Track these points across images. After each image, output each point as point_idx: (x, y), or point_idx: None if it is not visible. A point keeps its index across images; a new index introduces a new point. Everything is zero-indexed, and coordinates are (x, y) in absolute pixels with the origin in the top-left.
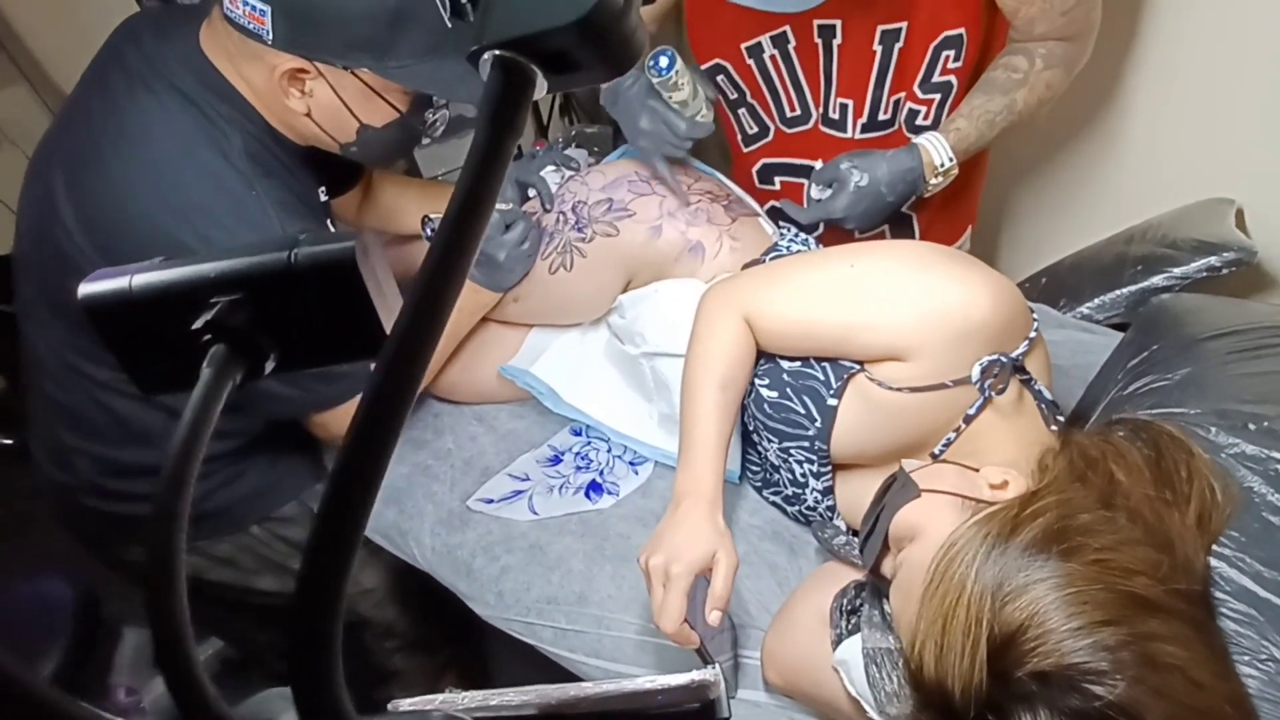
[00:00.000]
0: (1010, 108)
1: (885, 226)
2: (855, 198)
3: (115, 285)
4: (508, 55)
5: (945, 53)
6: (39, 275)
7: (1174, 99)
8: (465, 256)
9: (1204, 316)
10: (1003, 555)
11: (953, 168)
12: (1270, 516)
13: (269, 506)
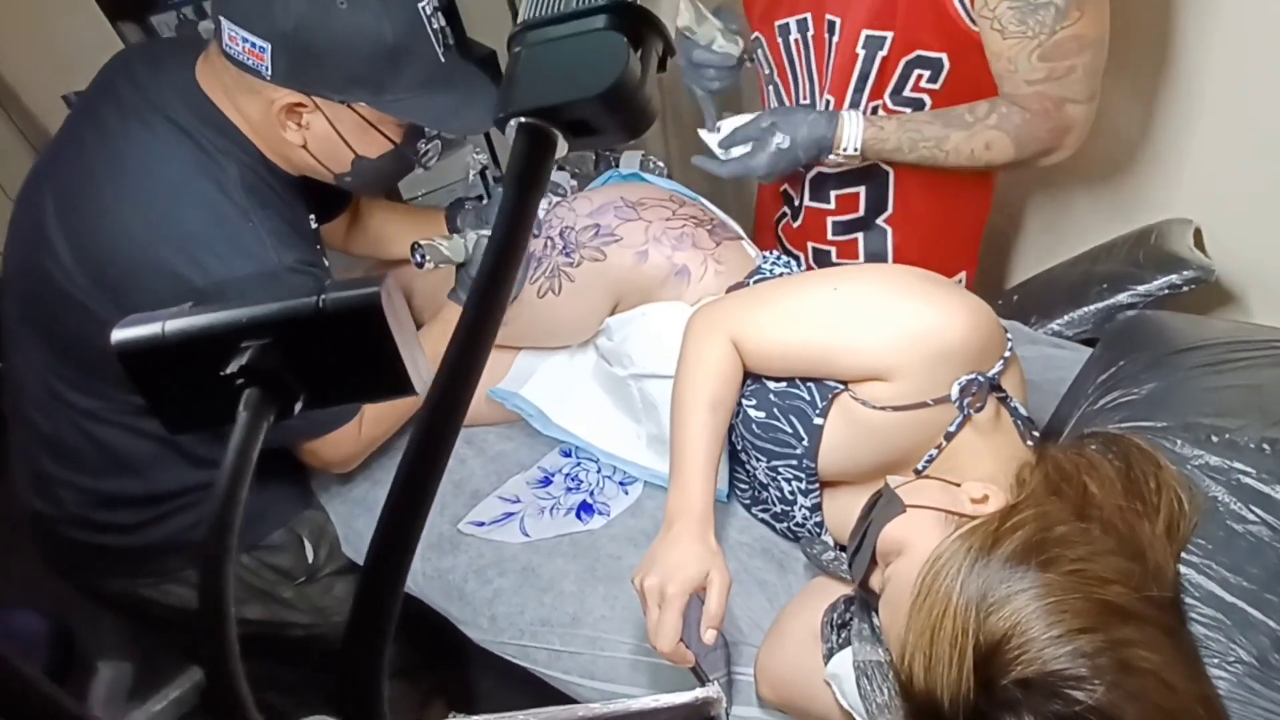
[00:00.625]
0: (940, 142)
1: (861, 247)
2: (775, 158)
3: (148, 331)
4: (534, 122)
5: (920, 71)
6: (26, 304)
7: (1135, 125)
8: (500, 306)
9: (1167, 333)
10: (985, 568)
11: (855, 156)
12: (1234, 524)
13: (257, 535)
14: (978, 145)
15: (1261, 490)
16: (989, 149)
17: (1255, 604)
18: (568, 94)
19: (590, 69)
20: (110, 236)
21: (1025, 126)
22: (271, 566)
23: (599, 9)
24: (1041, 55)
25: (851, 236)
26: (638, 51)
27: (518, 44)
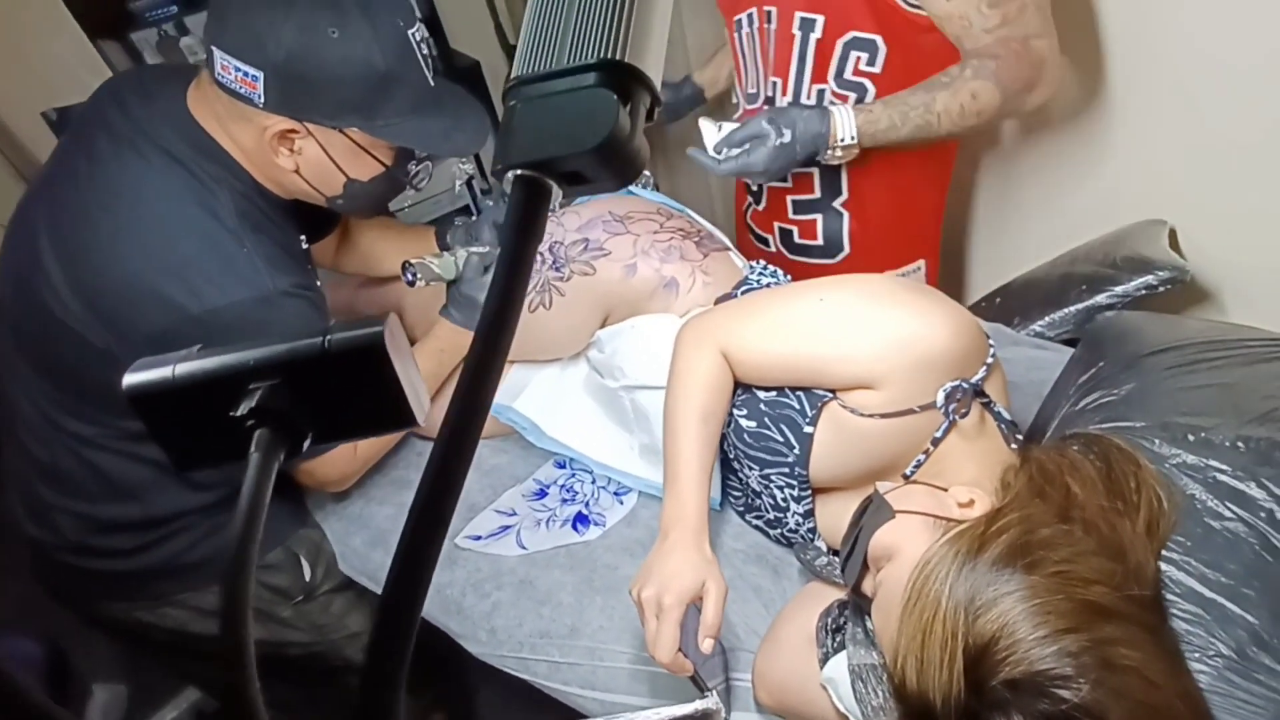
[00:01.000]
0: (928, 105)
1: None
2: (774, 153)
3: (159, 375)
4: (530, 174)
5: (857, 54)
6: (21, 334)
7: (1108, 126)
8: (504, 349)
9: (1144, 334)
10: (973, 571)
11: (854, 145)
12: (1211, 521)
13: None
14: (965, 99)
15: (1237, 487)
16: (976, 99)
17: (1233, 598)
18: (562, 148)
19: (583, 124)
20: (105, 265)
21: (1001, 70)
22: (269, 586)
23: (589, 67)
24: (990, 3)
25: (811, 216)
26: (627, 106)
27: (513, 97)
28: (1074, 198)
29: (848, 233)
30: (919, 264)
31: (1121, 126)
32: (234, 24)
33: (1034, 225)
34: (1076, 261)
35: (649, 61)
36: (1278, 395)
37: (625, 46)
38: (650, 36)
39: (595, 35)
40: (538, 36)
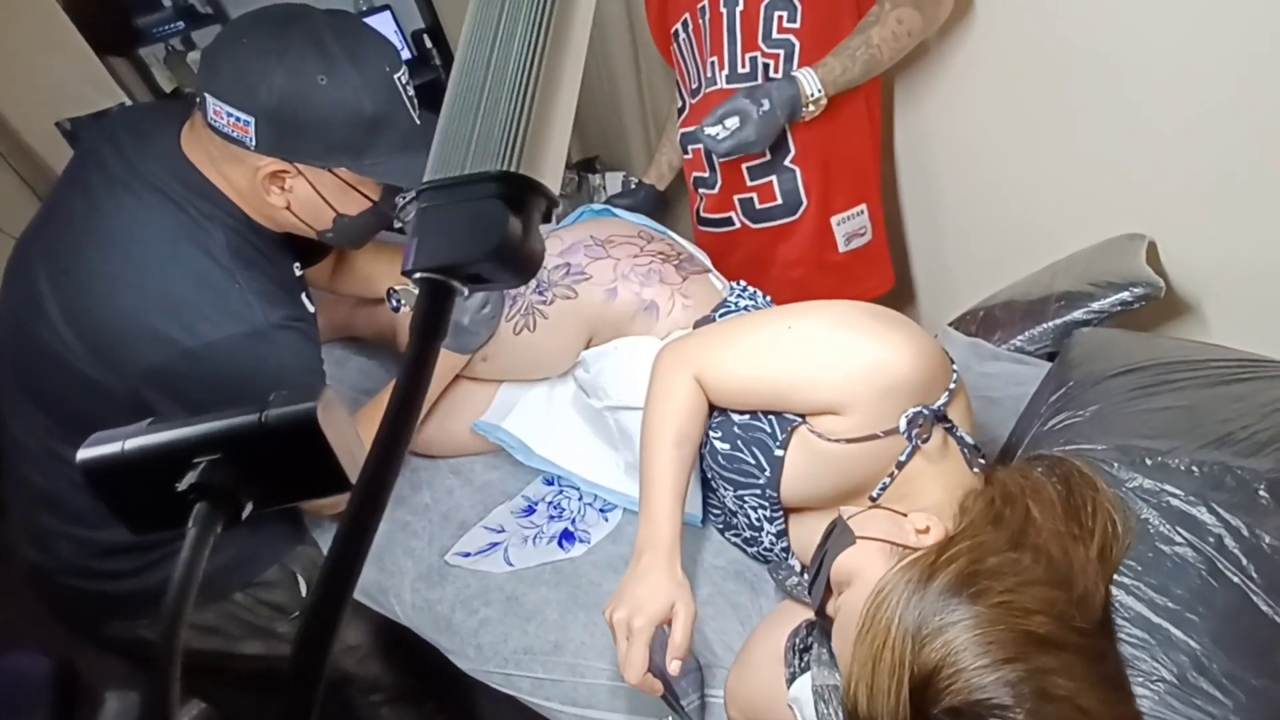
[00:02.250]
0: (867, 42)
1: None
2: (763, 122)
3: (110, 449)
4: (434, 277)
5: (778, 13)
6: (21, 369)
7: (1090, 138)
8: (405, 439)
9: (1112, 352)
10: (921, 600)
11: (822, 97)
12: (1162, 546)
13: (251, 573)
14: (893, 26)
15: (1188, 512)
16: (902, 23)
17: (1177, 624)
18: (457, 256)
19: (476, 233)
20: (102, 303)
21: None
22: (266, 603)
23: (485, 177)
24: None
25: (766, 179)
26: (521, 213)
27: (422, 201)
28: (1053, 210)
29: (802, 186)
30: (862, 207)
31: (1099, 137)
32: (226, 71)
33: (1016, 240)
34: (1056, 276)
35: (546, 167)
36: (1235, 419)
37: (520, 157)
38: (548, 143)
39: (493, 146)
40: (447, 143)
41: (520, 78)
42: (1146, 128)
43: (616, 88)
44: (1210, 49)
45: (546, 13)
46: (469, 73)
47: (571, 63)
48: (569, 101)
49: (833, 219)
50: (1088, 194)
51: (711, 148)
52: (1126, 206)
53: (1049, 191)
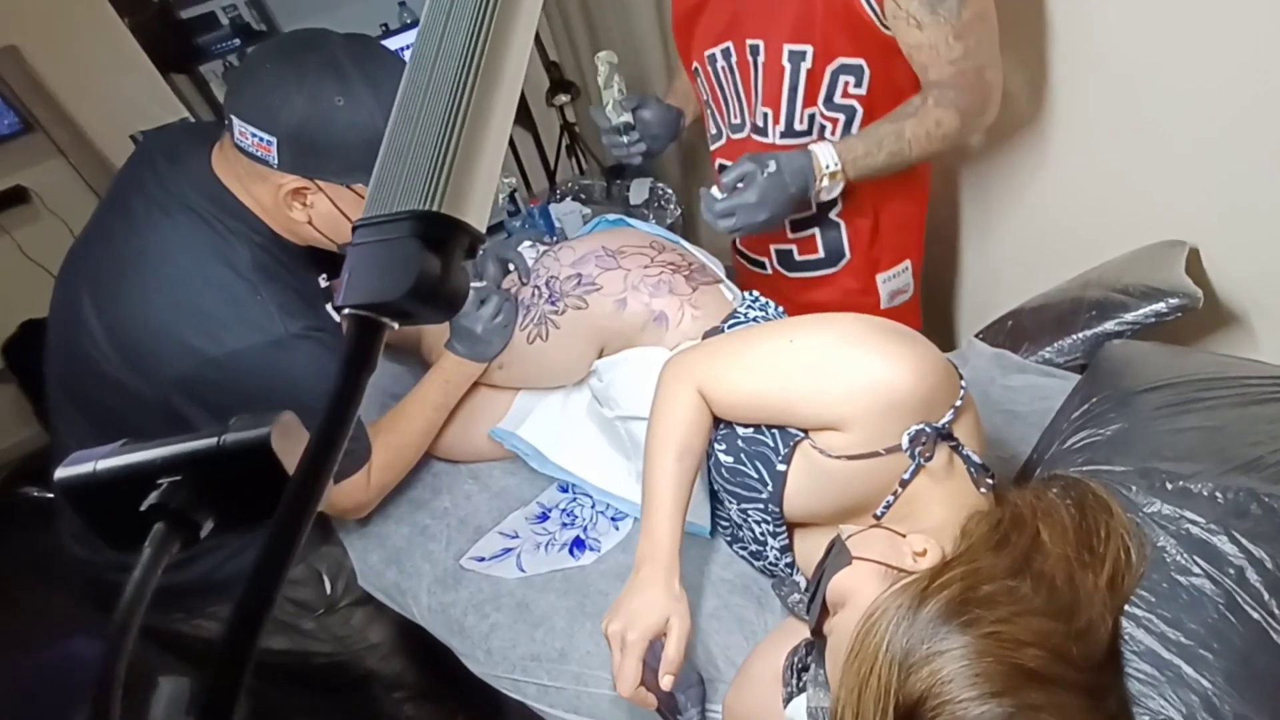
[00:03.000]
0: (899, 134)
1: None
2: (766, 184)
3: (83, 470)
4: (361, 313)
5: (845, 78)
6: (67, 379)
7: (1130, 140)
8: (329, 468)
9: (1143, 367)
10: (911, 626)
11: (838, 171)
12: (1178, 577)
13: None
14: (930, 125)
15: (1208, 541)
16: (940, 125)
17: (1190, 660)
18: (376, 295)
19: (393, 273)
20: (135, 316)
21: (960, 98)
22: (292, 600)
23: (406, 216)
24: (956, 35)
25: (808, 232)
26: (441, 251)
27: (356, 237)
28: (1092, 215)
29: (847, 242)
30: (906, 263)
31: (1142, 141)
32: (250, 95)
33: (1051, 247)
34: (1089, 285)
35: (470, 205)
36: (1265, 441)
37: (442, 196)
38: (473, 181)
39: (418, 184)
40: (381, 180)
41: (448, 116)
42: (1190, 127)
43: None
44: (1260, 40)
45: (477, 52)
46: (404, 109)
47: (502, 103)
48: (498, 140)
49: (879, 276)
50: (1128, 197)
51: (709, 215)
52: (1167, 211)
53: (1089, 194)
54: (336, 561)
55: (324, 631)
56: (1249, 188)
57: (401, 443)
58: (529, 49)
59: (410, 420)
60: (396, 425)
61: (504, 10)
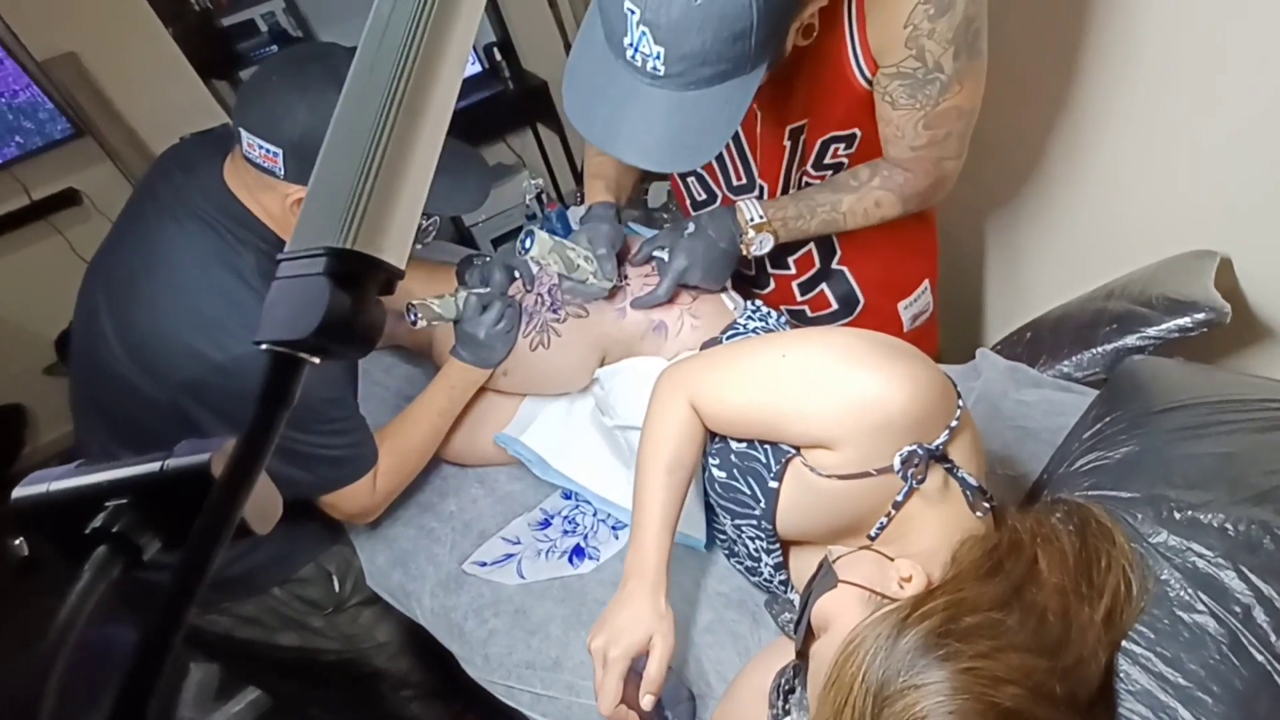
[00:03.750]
0: (834, 205)
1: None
2: (690, 244)
3: (37, 490)
4: (278, 350)
5: (836, 145)
6: (86, 381)
7: (1162, 146)
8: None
9: (1163, 385)
10: (889, 657)
11: (764, 224)
12: (1180, 613)
13: (288, 570)
14: (869, 204)
15: (1214, 576)
16: (879, 206)
17: (1187, 703)
18: (287, 332)
19: (302, 311)
20: (145, 321)
21: (907, 184)
22: (301, 598)
23: (320, 253)
24: (925, 124)
25: (818, 290)
26: (353, 288)
27: (280, 271)
28: (1121, 224)
29: (857, 286)
30: (924, 284)
31: (1172, 145)
32: (256, 108)
33: (1078, 254)
34: (1112, 296)
35: (387, 241)
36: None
37: (356, 234)
38: (390, 218)
39: (334, 221)
40: (306, 214)
41: (367, 153)
42: (1223, 130)
43: None
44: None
45: (400, 91)
46: (331, 144)
47: (425, 141)
48: (420, 177)
49: (900, 305)
50: (1158, 204)
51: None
52: (1198, 218)
53: (1118, 202)
54: (346, 561)
55: (332, 630)
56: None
57: (407, 448)
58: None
59: (416, 425)
60: (402, 431)
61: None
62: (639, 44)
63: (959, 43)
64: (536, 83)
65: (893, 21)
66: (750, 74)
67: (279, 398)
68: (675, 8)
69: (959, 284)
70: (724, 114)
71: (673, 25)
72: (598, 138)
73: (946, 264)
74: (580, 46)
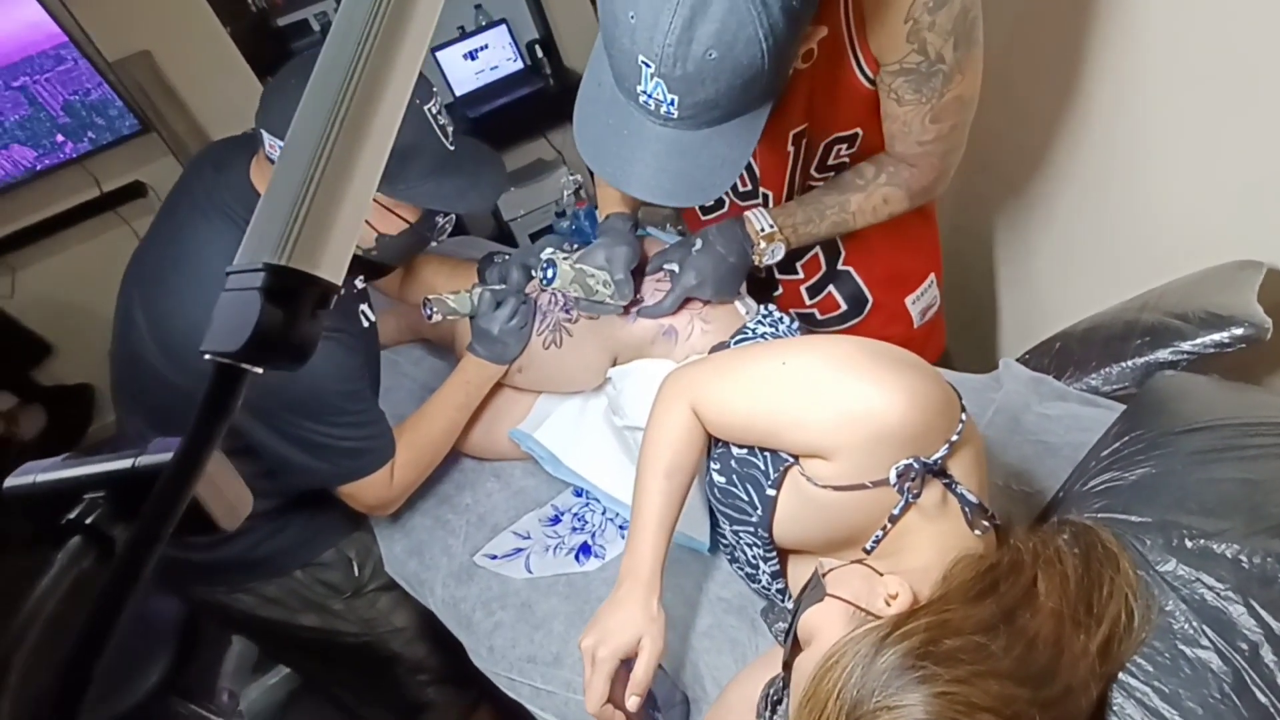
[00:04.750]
0: (842, 206)
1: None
2: (699, 260)
3: (24, 481)
4: (220, 360)
5: (839, 145)
6: (123, 370)
7: (1208, 146)
8: (184, 496)
9: (1190, 404)
10: (864, 675)
11: (774, 233)
12: (1183, 647)
13: (309, 555)
14: (877, 201)
15: (1222, 609)
16: (887, 203)
17: None
18: (223, 345)
19: (236, 326)
20: (173, 315)
21: (913, 179)
22: (322, 582)
23: (256, 269)
24: (932, 118)
25: (825, 292)
26: (288, 304)
27: (227, 284)
28: (1158, 229)
29: (864, 286)
30: (930, 277)
31: (1221, 145)
32: (276, 109)
33: (1107, 259)
34: (1147, 307)
35: (323, 257)
36: None
37: (292, 250)
38: (328, 234)
39: (273, 237)
40: (254, 229)
41: (308, 171)
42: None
43: None
44: None
45: (342, 111)
46: (282, 161)
47: (366, 160)
48: (361, 194)
49: (907, 300)
50: (1199, 210)
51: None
52: (1246, 226)
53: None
54: (365, 547)
55: (351, 613)
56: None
57: (424, 442)
58: (399, 114)
59: (432, 421)
60: (419, 425)
61: (373, 74)
62: (653, 92)
63: (958, 32)
64: (577, 79)
65: (892, 18)
66: (759, 110)
67: (220, 407)
68: (690, 62)
69: (982, 292)
70: (735, 149)
71: (687, 77)
72: (610, 175)
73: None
74: (588, 85)
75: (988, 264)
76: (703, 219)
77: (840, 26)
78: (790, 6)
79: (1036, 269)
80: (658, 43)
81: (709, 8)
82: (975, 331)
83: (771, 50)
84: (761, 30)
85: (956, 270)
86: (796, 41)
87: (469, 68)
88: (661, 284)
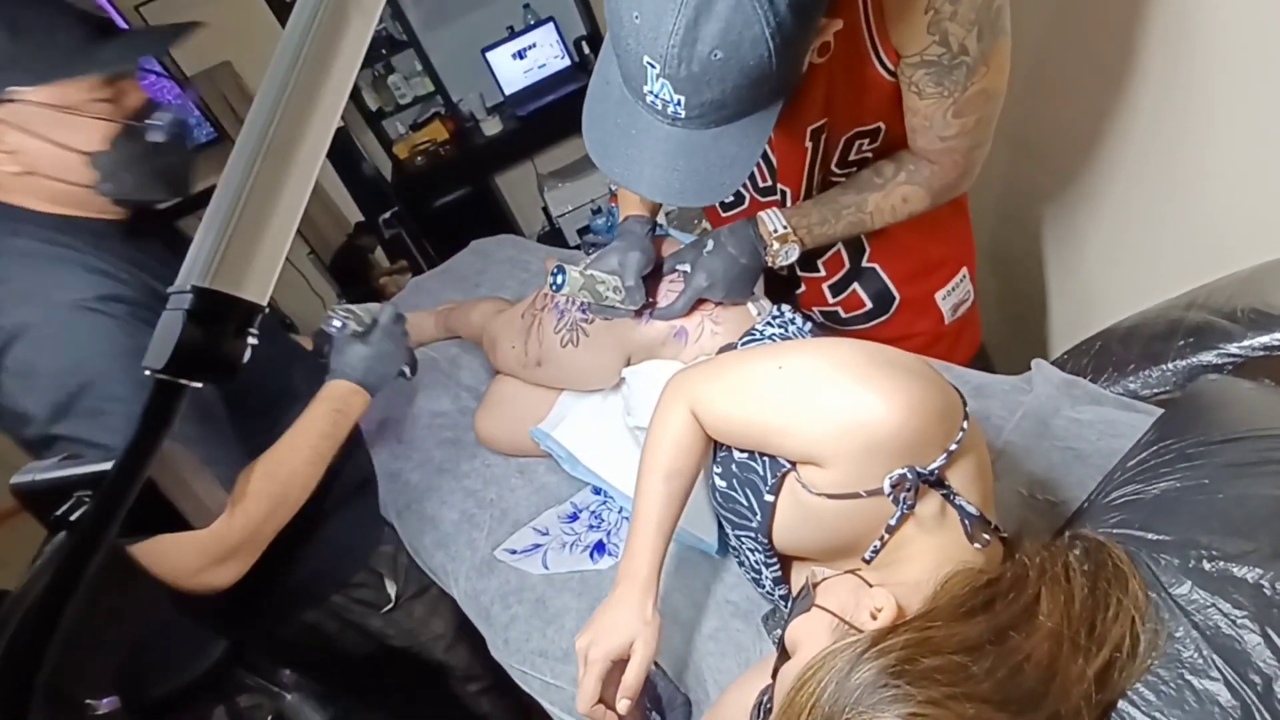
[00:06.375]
0: (859, 205)
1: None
2: (710, 262)
3: (25, 479)
4: (160, 376)
5: (860, 140)
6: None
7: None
8: (124, 502)
9: (1229, 412)
10: (839, 690)
11: (787, 234)
12: (1191, 678)
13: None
14: (895, 201)
15: (1236, 639)
16: (906, 202)
17: None
18: (155, 362)
19: (160, 344)
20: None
21: (935, 176)
22: (359, 600)
23: (184, 290)
24: (955, 112)
25: (850, 291)
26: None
27: (168, 304)
28: (1211, 220)
29: (891, 283)
30: (962, 271)
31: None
32: None
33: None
34: (1194, 305)
35: (248, 279)
36: None
37: (215, 273)
38: (253, 257)
39: (201, 261)
40: (190, 255)
41: (234, 197)
42: None
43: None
44: None
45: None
46: (219, 189)
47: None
48: (287, 217)
49: (937, 295)
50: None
51: (668, 311)
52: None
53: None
54: (391, 558)
55: (392, 627)
56: None
57: (281, 473)
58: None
59: (294, 451)
60: (276, 455)
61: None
62: (659, 92)
63: (982, 22)
64: None
65: (912, 8)
66: (769, 108)
67: (158, 420)
68: (695, 62)
69: (1030, 285)
70: (745, 148)
71: (693, 78)
72: (619, 175)
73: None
74: (597, 84)
75: (1035, 256)
76: (723, 215)
77: (858, 18)
78: (798, 2)
79: (1088, 260)
80: (662, 43)
81: (713, 7)
82: (1022, 327)
83: (779, 49)
84: (768, 29)
85: (1005, 262)
86: (807, 38)
87: (517, 67)
88: (675, 285)
